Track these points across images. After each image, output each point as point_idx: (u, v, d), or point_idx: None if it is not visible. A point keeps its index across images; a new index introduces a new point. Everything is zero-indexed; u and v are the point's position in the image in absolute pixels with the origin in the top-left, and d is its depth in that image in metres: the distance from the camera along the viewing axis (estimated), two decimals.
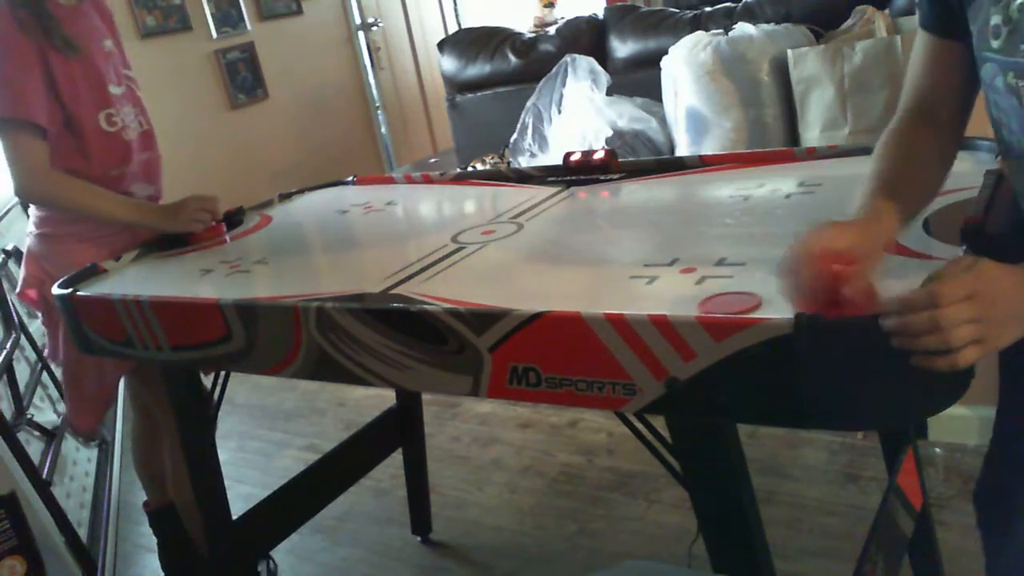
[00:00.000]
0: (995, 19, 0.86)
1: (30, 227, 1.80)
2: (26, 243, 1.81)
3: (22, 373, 2.33)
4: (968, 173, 1.17)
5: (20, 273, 1.84)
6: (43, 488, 1.98)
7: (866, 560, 1.12)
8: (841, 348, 0.84)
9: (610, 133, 3.49)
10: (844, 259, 0.84)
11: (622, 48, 3.86)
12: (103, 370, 1.78)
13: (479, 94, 4.23)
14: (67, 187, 1.69)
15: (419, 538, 2.18)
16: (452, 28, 6.25)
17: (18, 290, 1.82)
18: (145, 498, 2.03)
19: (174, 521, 1.94)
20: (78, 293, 1.51)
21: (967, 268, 0.79)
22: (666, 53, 3.43)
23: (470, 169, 3.59)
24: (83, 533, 2.11)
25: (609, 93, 3.69)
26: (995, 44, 0.86)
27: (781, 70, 3.22)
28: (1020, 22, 0.82)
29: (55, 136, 1.67)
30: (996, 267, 0.80)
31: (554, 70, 3.78)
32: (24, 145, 1.64)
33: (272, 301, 1.26)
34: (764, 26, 3.30)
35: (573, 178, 1.69)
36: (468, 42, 4.30)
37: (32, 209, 1.81)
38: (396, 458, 2.14)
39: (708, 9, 3.70)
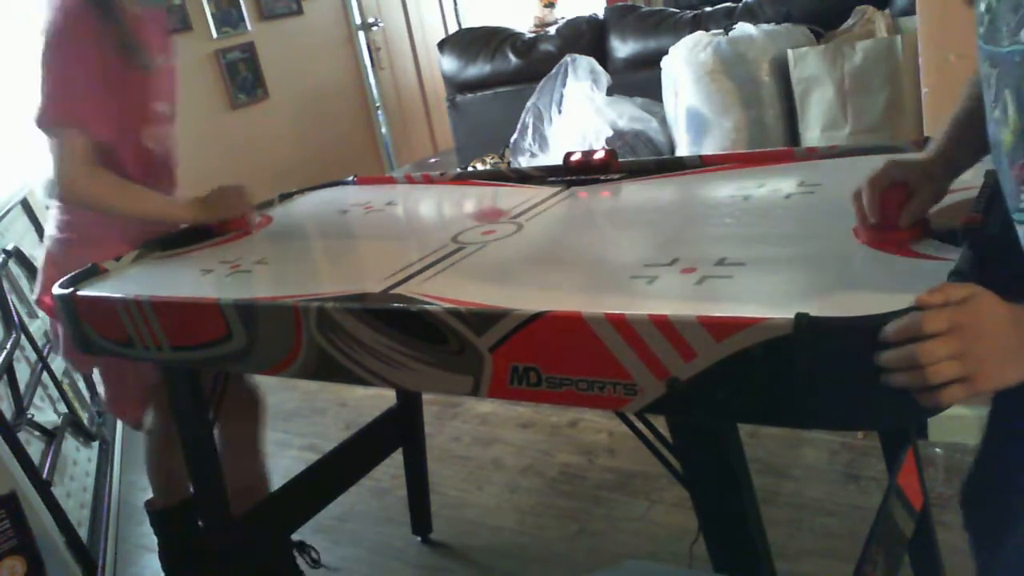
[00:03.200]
0: (981, 5, 0.86)
1: (51, 231, 1.79)
2: (45, 247, 1.80)
3: (22, 373, 2.32)
4: (968, 173, 1.17)
5: (38, 278, 1.83)
6: (43, 488, 1.98)
7: (866, 560, 1.12)
8: (841, 348, 0.84)
9: (610, 133, 3.49)
10: (899, 189, 1.03)
11: (622, 48, 3.86)
12: (139, 364, 1.78)
13: (479, 94, 4.24)
14: (111, 187, 1.67)
15: (419, 538, 2.18)
16: (452, 28, 6.25)
17: (36, 296, 1.82)
18: (149, 497, 2.02)
19: (177, 522, 1.94)
20: (78, 293, 1.51)
21: (954, 300, 0.78)
22: (666, 53, 3.43)
23: (470, 169, 3.59)
24: (83, 533, 2.11)
25: (609, 93, 3.70)
26: (980, 30, 0.87)
27: (781, 70, 3.22)
28: (998, 10, 0.83)
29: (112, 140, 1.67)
30: (986, 302, 0.79)
31: (554, 70, 3.78)
32: (69, 143, 1.62)
33: (272, 301, 1.26)
34: (764, 26, 3.31)
35: (573, 178, 1.69)
36: (468, 42, 4.31)
37: (55, 212, 1.79)
38: (396, 458, 2.14)
39: (708, 9, 3.70)
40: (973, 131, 0.99)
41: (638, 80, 3.72)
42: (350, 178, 2.10)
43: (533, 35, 4.32)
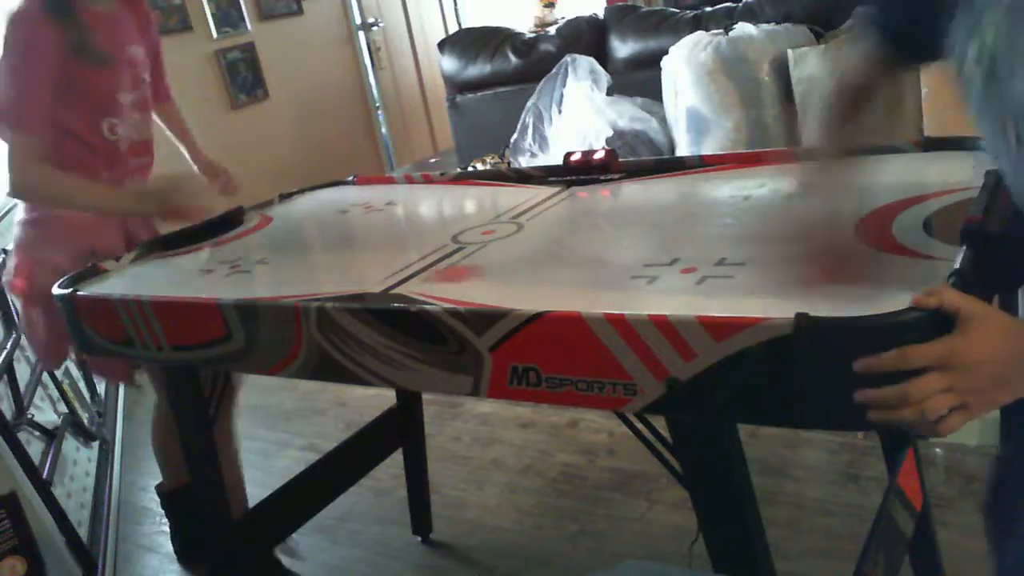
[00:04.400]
0: (972, 52, 0.84)
1: (19, 215, 1.83)
2: (14, 233, 1.83)
3: (22, 373, 2.32)
4: (968, 173, 1.17)
5: (9, 262, 1.86)
6: (43, 488, 1.98)
7: (866, 560, 1.11)
8: (841, 348, 0.84)
9: (610, 133, 3.49)
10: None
11: (622, 48, 3.86)
12: None
13: (479, 94, 4.23)
14: (51, 181, 1.71)
15: (419, 538, 2.18)
16: (452, 28, 6.25)
17: (7, 280, 1.84)
18: (150, 498, 2.03)
19: (187, 503, 1.94)
20: (78, 293, 1.51)
21: (949, 306, 0.79)
22: (666, 53, 3.43)
23: (470, 169, 3.59)
24: (83, 533, 2.11)
25: (609, 93, 3.70)
26: (977, 91, 0.84)
27: (781, 70, 3.22)
28: (997, 67, 0.81)
29: (55, 139, 1.70)
30: (979, 328, 0.79)
31: (554, 70, 3.78)
32: (17, 143, 1.67)
33: (272, 301, 1.26)
34: (764, 26, 3.30)
35: (573, 178, 1.69)
36: (468, 42, 4.31)
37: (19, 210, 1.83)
38: (396, 458, 2.14)
39: (708, 9, 3.70)
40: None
41: (638, 80, 3.72)
42: (350, 178, 2.10)
43: (533, 35, 4.32)
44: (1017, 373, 0.80)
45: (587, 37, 3.99)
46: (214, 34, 4.56)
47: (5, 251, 2.70)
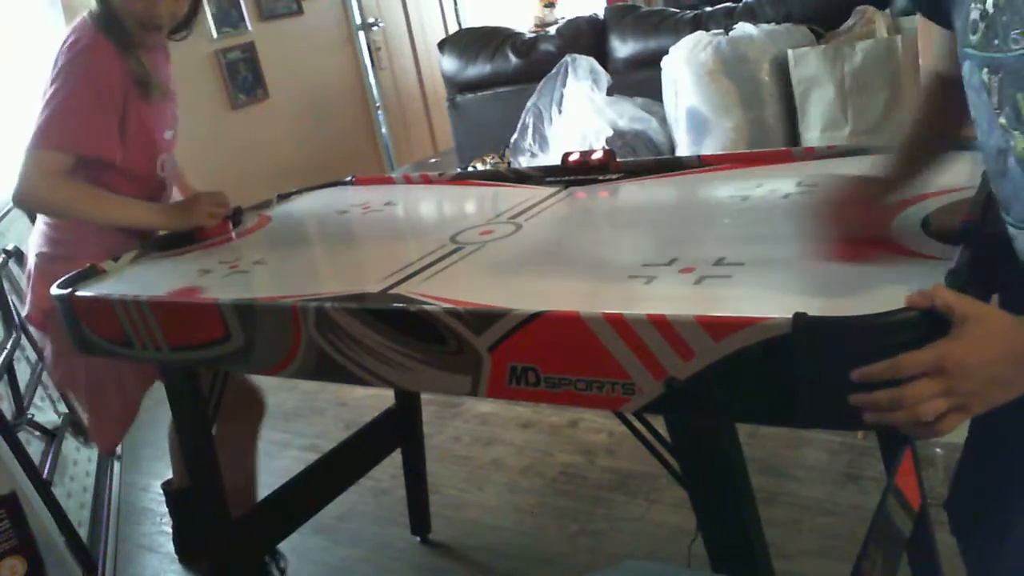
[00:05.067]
0: (974, 13, 0.86)
1: (39, 248, 1.78)
2: (33, 263, 1.79)
3: (22, 373, 2.33)
4: (967, 173, 1.17)
5: (27, 296, 1.82)
6: (43, 488, 1.98)
7: (864, 560, 1.11)
8: (840, 347, 0.84)
9: (610, 133, 3.49)
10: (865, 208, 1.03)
11: (622, 48, 3.86)
12: (125, 388, 1.80)
13: (479, 94, 4.23)
14: (78, 195, 1.66)
15: (419, 538, 2.18)
16: (452, 28, 6.25)
17: (26, 313, 1.82)
18: (159, 480, 2.03)
19: (192, 504, 1.94)
20: (77, 293, 1.51)
21: (936, 347, 0.79)
22: (666, 53, 3.43)
23: (470, 169, 3.59)
24: (83, 533, 2.11)
25: (609, 93, 3.70)
26: (973, 39, 0.87)
27: (781, 70, 3.22)
28: (995, 17, 0.83)
29: (95, 172, 1.67)
30: (974, 331, 0.79)
31: (554, 70, 3.78)
32: (50, 156, 1.62)
33: (271, 301, 1.26)
34: (764, 26, 3.31)
35: (571, 178, 1.69)
36: (468, 42, 4.31)
37: (42, 228, 1.79)
38: (396, 458, 2.14)
39: (708, 9, 3.70)
40: (922, 157, 1.07)
41: (638, 80, 3.72)
42: (348, 178, 2.10)
43: (533, 35, 4.32)
44: (1015, 373, 0.80)
45: (587, 37, 3.99)
46: (214, 34, 4.56)
47: (5, 251, 2.71)
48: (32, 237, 1.83)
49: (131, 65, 1.66)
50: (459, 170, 2.60)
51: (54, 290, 1.54)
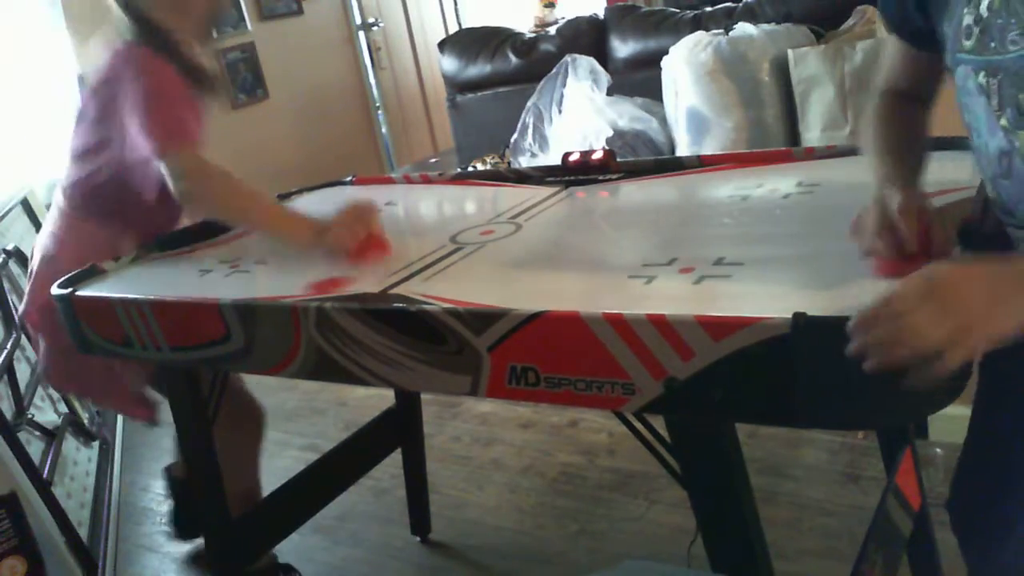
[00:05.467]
0: (967, 19, 0.86)
1: (47, 251, 1.76)
2: (37, 267, 1.76)
3: (22, 373, 2.32)
4: (967, 173, 1.17)
5: (27, 291, 1.81)
6: (43, 488, 1.98)
7: (864, 560, 1.12)
8: (839, 347, 0.84)
9: (611, 133, 3.49)
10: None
11: (623, 48, 3.86)
12: (128, 377, 1.80)
13: (479, 94, 4.23)
14: (241, 191, 1.59)
15: (419, 538, 2.18)
16: (452, 28, 6.25)
17: (22, 310, 1.81)
18: (159, 480, 2.03)
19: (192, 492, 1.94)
20: (77, 294, 1.51)
21: (922, 274, 0.77)
22: (667, 53, 3.43)
23: (470, 169, 3.59)
24: (83, 533, 2.11)
25: (609, 93, 3.70)
26: (967, 44, 0.87)
27: (782, 70, 3.22)
28: (990, 21, 0.83)
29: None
30: (958, 268, 0.78)
31: (555, 70, 3.78)
32: (189, 156, 1.57)
33: (271, 301, 1.26)
34: (765, 26, 3.30)
35: (572, 178, 1.69)
36: (468, 42, 4.31)
37: (53, 227, 1.78)
38: (396, 458, 2.14)
39: (709, 9, 3.70)
40: (913, 155, 1.03)
41: (638, 80, 3.72)
42: (348, 178, 2.10)
43: (533, 35, 4.32)
44: (1014, 289, 0.77)
45: (587, 37, 3.99)
46: (214, 34, 4.56)
47: (5, 251, 2.71)
48: (40, 238, 1.82)
49: (178, 65, 1.63)
50: (459, 170, 2.60)
51: (54, 290, 1.54)
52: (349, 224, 1.48)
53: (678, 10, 3.84)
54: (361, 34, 5.60)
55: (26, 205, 3.15)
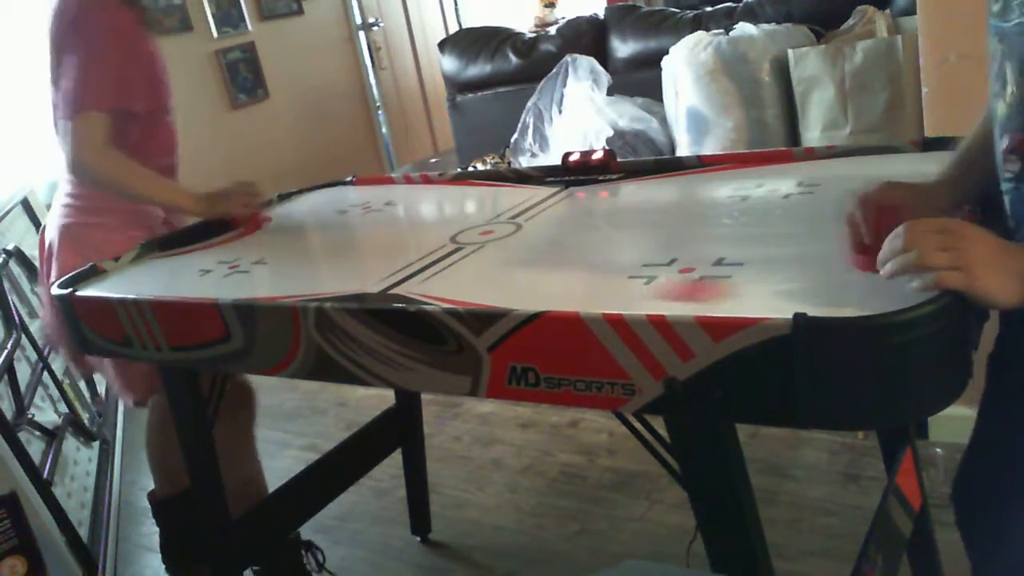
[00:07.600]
0: None
1: (63, 219, 1.81)
2: (54, 234, 1.81)
3: (23, 373, 2.33)
4: None
5: (52, 266, 1.81)
6: (44, 488, 1.98)
7: (864, 560, 1.12)
8: (840, 348, 0.84)
9: (611, 133, 3.49)
10: (891, 209, 0.97)
11: (623, 48, 3.86)
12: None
13: (480, 94, 4.23)
14: (123, 167, 1.72)
15: (419, 538, 2.18)
16: (453, 28, 6.25)
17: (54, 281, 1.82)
18: (150, 491, 2.02)
19: (179, 512, 1.94)
20: (77, 293, 1.51)
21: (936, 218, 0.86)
22: (667, 53, 3.43)
23: (471, 169, 3.59)
24: (83, 533, 2.11)
25: (610, 93, 3.69)
26: (995, 8, 0.89)
27: (782, 70, 3.22)
28: None
29: (125, 123, 1.72)
30: (971, 224, 0.85)
31: (555, 70, 3.78)
32: (92, 122, 1.67)
33: (271, 301, 1.26)
34: (765, 26, 3.30)
35: (572, 178, 1.69)
36: (469, 42, 4.30)
37: (65, 198, 1.82)
38: (396, 458, 2.14)
39: (709, 9, 3.70)
40: (982, 161, 1.00)
41: (638, 80, 3.72)
42: (348, 178, 2.10)
43: (533, 35, 4.32)
44: (1019, 263, 0.83)
45: (587, 37, 3.99)
46: (214, 34, 4.56)
47: (5, 251, 2.71)
48: (51, 215, 1.85)
49: (137, 11, 1.73)
50: (459, 170, 2.60)
51: (54, 290, 1.54)
52: (230, 197, 1.78)
53: (678, 10, 3.84)
54: (361, 34, 5.60)
55: (26, 205, 3.15)
